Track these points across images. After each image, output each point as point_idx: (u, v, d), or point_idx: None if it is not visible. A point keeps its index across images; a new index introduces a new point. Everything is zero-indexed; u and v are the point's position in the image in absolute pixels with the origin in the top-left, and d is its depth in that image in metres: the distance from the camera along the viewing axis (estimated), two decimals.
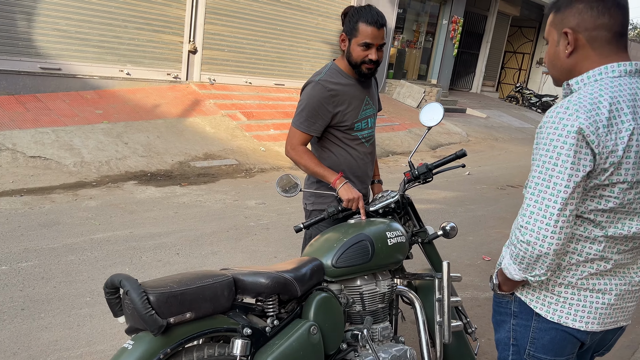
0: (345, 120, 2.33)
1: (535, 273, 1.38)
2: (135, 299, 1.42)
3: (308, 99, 2.28)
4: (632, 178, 1.30)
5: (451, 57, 15.42)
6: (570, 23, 1.38)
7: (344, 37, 2.29)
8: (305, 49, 10.66)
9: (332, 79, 2.30)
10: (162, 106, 7.59)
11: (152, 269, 3.59)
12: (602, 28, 1.35)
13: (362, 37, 2.21)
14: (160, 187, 5.49)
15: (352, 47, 2.25)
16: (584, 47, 1.38)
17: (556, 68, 1.46)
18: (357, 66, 2.29)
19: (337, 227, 2.13)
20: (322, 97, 2.26)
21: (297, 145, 2.33)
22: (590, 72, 1.36)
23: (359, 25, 2.21)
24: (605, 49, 1.37)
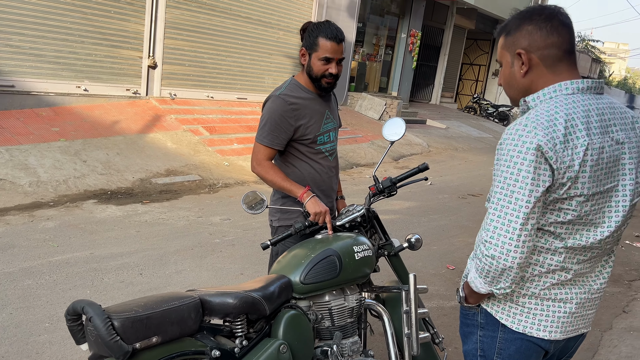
0: (308, 134, 2.34)
1: (500, 286, 1.42)
2: (99, 325, 1.38)
3: (270, 113, 2.29)
4: (588, 191, 1.36)
5: (410, 69, 15.75)
6: (522, 44, 1.43)
7: (304, 51, 2.32)
8: (267, 63, 10.68)
9: (293, 93, 2.33)
10: (122, 122, 7.44)
11: (115, 290, 3.49)
12: (553, 47, 1.41)
13: (322, 51, 2.26)
14: (121, 205, 5.37)
15: (313, 62, 2.29)
16: (537, 66, 1.44)
17: (513, 88, 1.51)
18: (318, 80, 2.32)
19: (304, 243, 2.13)
20: (284, 111, 2.28)
21: (263, 161, 2.33)
22: (545, 90, 1.42)
23: (319, 40, 2.25)
24: (557, 66, 1.43)
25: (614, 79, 44.19)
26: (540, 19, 1.41)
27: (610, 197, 1.42)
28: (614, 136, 1.39)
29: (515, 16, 1.47)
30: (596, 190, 1.37)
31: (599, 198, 1.39)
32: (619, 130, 1.41)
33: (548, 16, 1.41)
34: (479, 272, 1.44)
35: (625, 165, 1.42)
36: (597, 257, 1.50)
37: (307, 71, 2.33)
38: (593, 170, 1.35)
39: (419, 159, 10.70)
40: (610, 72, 40.44)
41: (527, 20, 1.43)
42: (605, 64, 37.23)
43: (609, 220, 1.43)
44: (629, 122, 1.45)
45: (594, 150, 1.34)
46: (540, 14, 1.42)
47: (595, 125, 1.36)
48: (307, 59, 2.31)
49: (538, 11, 1.43)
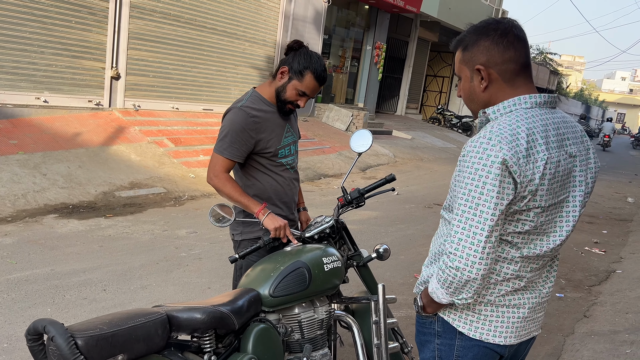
0: (269, 147, 2.32)
1: (463, 296, 1.44)
2: (62, 345, 1.34)
3: (230, 125, 2.25)
4: (545, 203, 1.40)
5: (376, 81, 15.97)
6: (480, 60, 1.46)
7: (285, 71, 2.28)
8: (233, 74, 10.65)
9: (255, 105, 2.29)
10: (84, 134, 7.26)
11: (77, 307, 3.38)
12: (510, 61, 1.45)
13: (305, 86, 2.27)
14: (83, 219, 5.22)
15: (290, 87, 2.28)
16: (496, 81, 1.47)
17: (474, 102, 1.54)
18: (284, 103, 2.32)
19: (272, 255, 2.12)
20: (245, 124, 2.24)
21: (220, 173, 2.27)
22: (505, 103, 1.46)
23: (306, 74, 2.25)
24: (515, 80, 1.47)
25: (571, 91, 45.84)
26: (496, 34, 1.44)
27: (562, 208, 1.48)
28: (567, 150, 1.45)
29: (472, 31, 1.50)
30: (551, 202, 1.42)
31: (552, 209, 1.44)
32: (572, 144, 1.46)
33: (504, 31, 1.44)
34: (441, 283, 1.45)
35: (576, 178, 1.48)
36: (545, 264, 1.56)
37: (278, 89, 2.31)
38: (550, 183, 1.39)
39: (386, 169, 10.82)
40: (567, 84, 41.94)
41: (483, 36, 1.46)
42: (563, 76, 38.62)
43: (560, 229, 1.48)
44: (579, 135, 1.52)
45: (552, 164, 1.38)
46: (496, 30, 1.45)
47: (553, 139, 1.41)
48: (285, 81, 2.28)
49: (494, 26, 1.46)
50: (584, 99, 49.90)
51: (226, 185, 2.26)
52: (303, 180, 8.66)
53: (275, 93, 2.31)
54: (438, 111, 20.39)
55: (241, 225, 2.39)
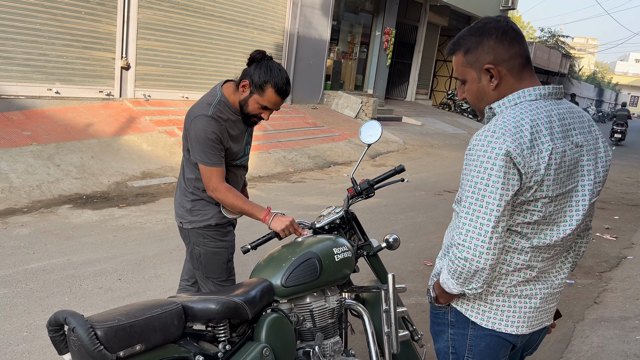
0: (232, 154, 2.35)
1: (472, 286, 1.47)
2: (82, 336, 1.39)
3: (206, 134, 2.21)
4: (552, 193, 1.42)
5: (385, 67, 15.87)
6: (488, 59, 1.49)
7: (246, 84, 2.25)
8: (242, 63, 10.54)
9: (222, 114, 2.27)
10: (96, 125, 7.33)
11: (94, 296, 3.46)
12: (517, 56, 1.48)
13: (266, 101, 2.25)
14: (97, 210, 5.30)
15: (251, 101, 2.27)
16: (506, 77, 1.50)
17: (484, 101, 1.55)
18: (247, 116, 2.32)
19: (285, 246, 2.16)
20: (220, 132, 2.24)
21: (219, 185, 2.26)
22: (510, 96, 1.49)
23: (267, 88, 2.23)
24: (522, 74, 1.50)
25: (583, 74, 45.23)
26: (498, 33, 1.47)
27: (571, 197, 1.49)
28: (574, 140, 1.46)
29: (470, 33, 1.52)
30: (559, 191, 1.44)
31: (561, 199, 1.46)
32: (578, 134, 1.48)
33: (505, 29, 1.48)
34: (451, 274, 1.49)
35: (584, 167, 1.49)
36: (559, 254, 1.58)
37: (240, 102, 2.29)
38: (556, 173, 1.41)
39: (396, 156, 10.81)
40: (579, 67, 41.37)
41: (485, 36, 1.49)
42: (575, 59, 38.08)
43: (570, 219, 1.50)
44: (586, 125, 1.53)
45: (557, 154, 1.40)
46: (497, 28, 1.48)
47: (558, 130, 1.43)
48: (246, 95, 2.26)
49: (493, 25, 1.49)
50: (596, 82, 49.21)
51: (228, 196, 2.27)
52: (313, 168, 8.70)
53: (239, 105, 2.31)
54: (448, 96, 20.24)
55: (189, 214, 2.38)
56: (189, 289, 2.66)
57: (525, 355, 1.79)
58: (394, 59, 16.64)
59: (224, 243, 2.43)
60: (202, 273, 2.44)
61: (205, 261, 2.40)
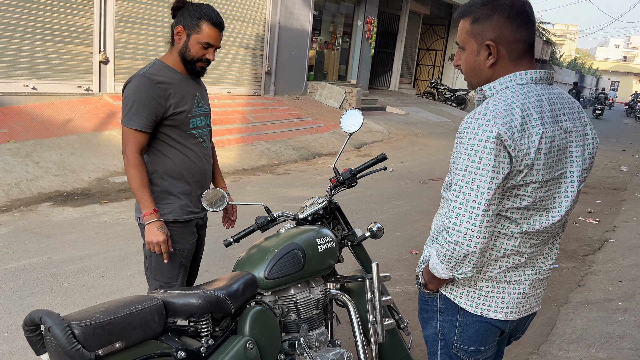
0: (180, 115, 2.19)
1: (462, 271, 1.46)
2: (59, 335, 1.35)
3: (135, 93, 2.09)
4: (542, 178, 1.41)
5: (368, 56, 15.83)
6: (491, 36, 1.44)
7: (180, 30, 2.18)
8: (223, 54, 10.53)
9: (159, 73, 2.18)
10: (75, 121, 7.21)
11: (76, 294, 3.40)
12: (520, 41, 1.45)
13: (205, 36, 2.17)
14: (78, 207, 5.22)
15: (191, 43, 2.18)
16: (504, 59, 1.47)
17: (477, 76, 1.52)
18: (192, 63, 2.22)
19: (268, 238, 2.13)
20: (151, 89, 2.11)
21: (132, 153, 2.11)
22: (502, 79, 1.46)
23: (202, 24, 2.16)
24: (521, 60, 1.47)
25: (564, 60, 45.62)
26: (511, 12, 1.42)
27: (560, 184, 1.48)
28: (563, 125, 1.45)
29: (484, 3, 1.46)
30: (549, 177, 1.43)
31: (551, 184, 1.45)
32: (567, 120, 1.47)
33: (518, 10, 1.43)
34: (441, 259, 1.48)
35: (573, 153, 1.48)
36: (546, 240, 1.57)
37: (180, 51, 2.20)
38: (546, 157, 1.40)
39: (380, 145, 10.81)
40: (561, 53, 41.70)
41: (497, 11, 1.43)
42: (556, 45, 38.39)
43: (559, 205, 1.49)
44: (575, 112, 1.52)
45: (547, 138, 1.39)
46: (511, 6, 1.43)
47: (548, 114, 1.41)
48: (184, 40, 2.18)
49: (509, 2, 1.43)
50: (577, 68, 49.71)
51: (131, 169, 2.11)
52: (297, 159, 8.66)
53: (180, 56, 2.21)
54: (432, 85, 20.29)
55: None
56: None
57: (513, 340, 1.80)
58: (376, 48, 16.60)
59: (181, 245, 2.26)
60: (150, 274, 2.28)
61: (156, 262, 2.23)
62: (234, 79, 10.95)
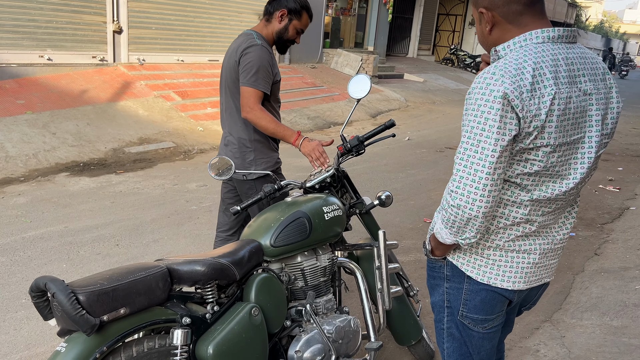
0: (277, 83, 2.55)
1: (466, 236, 1.42)
2: (63, 301, 1.37)
3: (259, 60, 2.42)
4: (554, 141, 1.34)
5: (386, 22, 15.49)
6: (484, 3, 1.44)
7: (284, 13, 2.50)
8: (237, 22, 10.40)
9: (267, 46, 2.52)
10: (90, 91, 7.24)
11: (92, 262, 3.47)
12: (512, 2, 1.40)
13: (302, 24, 2.56)
14: (94, 177, 5.28)
15: (291, 27, 2.53)
16: (501, 23, 1.43)
17: (484, 44, 1.52)
18: (284, 42, 2.58)
19: (274, 206, 2.12)
20: (270, 58, 2.47)
21: (255, 106, 2.43)
22: (516, 39, 1.40)
23: (303, 13, 2.53)
24: (520, 20, 1.41)
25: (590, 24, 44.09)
26: None
27: (577, 149, 1.41)
28: (581, 87, 1.37)
29: None
30: (562, 140, 1.36)
31: (565, 149, 1.38)
32: (587, 81, 1.38)
33: None
34: (445, 223, 1.45)
35: (592, 117, 1.40)
36: (561, 209, 1.51)
37: (280, 31, 2.53)
38: (560, 120, 1.33)
39: (397, 114, 10.67)
40: (587, 17, 40.29)
41: None
42: (582, 8, 37.06)
43: (574, 172, 1.42)
44: (600, 73, 1.43)
45: (561, 99, 1.32)
46: None
47: (564, 74, 1.34)
48: (285, 22, 2.52)
49: None
50: (604, 32, 48.02)
51: (263, 117, 2.43)
52: (312, 129, 8.61)
53: (277, 35, 2.55)
54: (451, 51, 19.82)
55: (252, 165, 2.53)
56: (229, 239, 2.77)
57: (524, 310, 1.76)
58: (394, 14, 16.22)
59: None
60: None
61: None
62: None
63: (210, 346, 1.65)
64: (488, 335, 1.60)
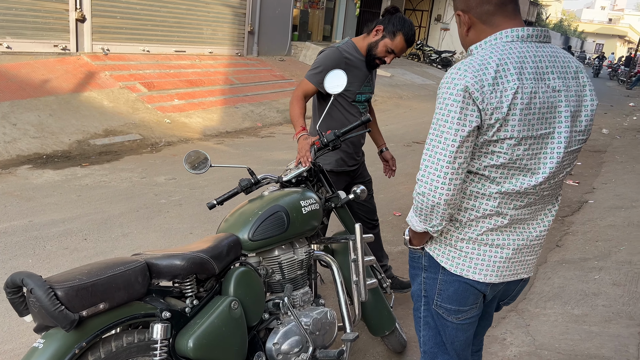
0: (350, 88, 2.62)
1: (433, 223, 1.49)
2: (42, 296, 1.35)
3: (324, 60, 2.62)
4: (518, 134, 1.40)
5: (354, 16, 15.56)
6: (460, 6, 1.53)
7: (380, 29, 2.62)
8: (205, 13, 10.25)
9: (348, 49, 2.65)
10: (52, 81, 7.01)
11: (59, 257, 3.39)
12: (485, 3, 1.47)
13: (395, 46, 2.62)
14: (58, 169, 5.14)
15: (381, 44, 2.62)
16: (476, 24, 1.51)
17: (464, 45, 1.59)
18: (373, 58, 2.67)
19: (251, 200, 2.13)
20: (338, 60, 2.60)
21: (298, 94, 2.63)
22: (488, 38, 1.47)
23: (398, 36, 2.60)
24: (492, 20, 1.48)
25: (550, 22, 45.35)
26: None
27: (546, 144, 1.46)
28: (549, 83, 1.42)
29: None
30: (527, 134, 1.41)
31: (532, 143, 1.43)
32: (556, 78, 1.44)
33: None
34: (415, 211, 1.53)
35: (562, 113, 1.45)
36: (539, 205, 1.55)
37: (370, 45, 2.65)
38: (523, 113, 1.39)
39: None
40: (547, 15, 41.42)
41: None
42: (543, 7, 38.05)
43: (544, 166, 1.47)
44: (571, 71, 1.49)
45: (524, 94, 1.38)
46: None
47: (530, 71, 1.40)
48: (378, 38, 2.63)
49: None
50: (563, 30, 49.49)
51: (295, 105, 2.61)
52: (282, 122, 8.60)
53: (368, 47, 2.66)
54: (417, 47, 20.07)
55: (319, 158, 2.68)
56: None
57: (503, 305, 1.81)
58: (362, 8, 16.30)
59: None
60: None
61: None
62: (216, 39, 10.70)
63: (191, 340, 1.65)
64: (462, 326, 1.65)
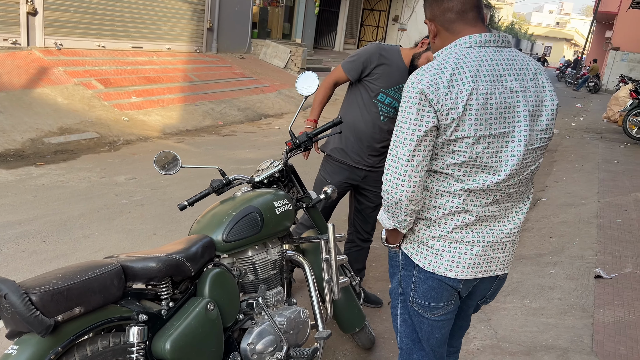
0: (375, 82, 2.68)
1: (400, 220, 1.56)
2: (16, 302, 1.32)
3: (362, 50, 2.72)
4: (475, 133, 1.47)
5: (313, 15, 15.59)
6: (428, 15, 1.64)
7: (426, 42, 2.65)
8: (163, 9, 10.05)
9: (389, 52, 2.68)
10: (2, 77, 6.72)
11: (17, 260, 3.27)
12: (447, 12, 1.57)
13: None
14: (11, 169, 4.94)
15: (424, 56, 2.64)
16: (441, 31, 1.61)
17: (434, 52, 1.65)
18: (414, 68, 2.65)
19: (224, 201, 2.13)
20: (373, 53, 2.66)
21: (330, 80, 2.79)
22: (449, 45, 1.57)
23: None
24: (453, 28, 1.58)
25: (502, 24, 46.78)
26: None
27: (507, 143, 1.53)
28: (507, 85, 1.50)
29: None
30: (485, 132, 1.48)
31: (491, 142, 1.50)
32: (513, 80, 1.51)
33: None
34: (383, 209, 1.60)
35: (520, 113, 1.53)
36: (507, 203, 1.62)
37: (414, 55, 2.66)
38: (479, 113, 1.46)
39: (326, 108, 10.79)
40: (499, 18, 42.73)
41: None
42: (495, 10, 39.22)
43: (505, 164, 1.54)
44: (530, 73, 1.57)
45: (480, 95, 1.46)
46: None
47: (486, 74, 1.48)
48: (423, 49, 2.65)
49: None
50: (514, 33, 51.16)
51: (320, 90, 2.76)
52: (243, 120, 8.54)
53: (412, 57, 2.68)
54: None
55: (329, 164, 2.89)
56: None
57: (481, 305, 1.86)
58: (321, 7, 16.36)
59: (329, 177, 2.89)
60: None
61: (315, 185, 2.96)
62: (174, 35, 10.51)
63: (168, 342, 1.65)
64: (437, 323, 1.71)
